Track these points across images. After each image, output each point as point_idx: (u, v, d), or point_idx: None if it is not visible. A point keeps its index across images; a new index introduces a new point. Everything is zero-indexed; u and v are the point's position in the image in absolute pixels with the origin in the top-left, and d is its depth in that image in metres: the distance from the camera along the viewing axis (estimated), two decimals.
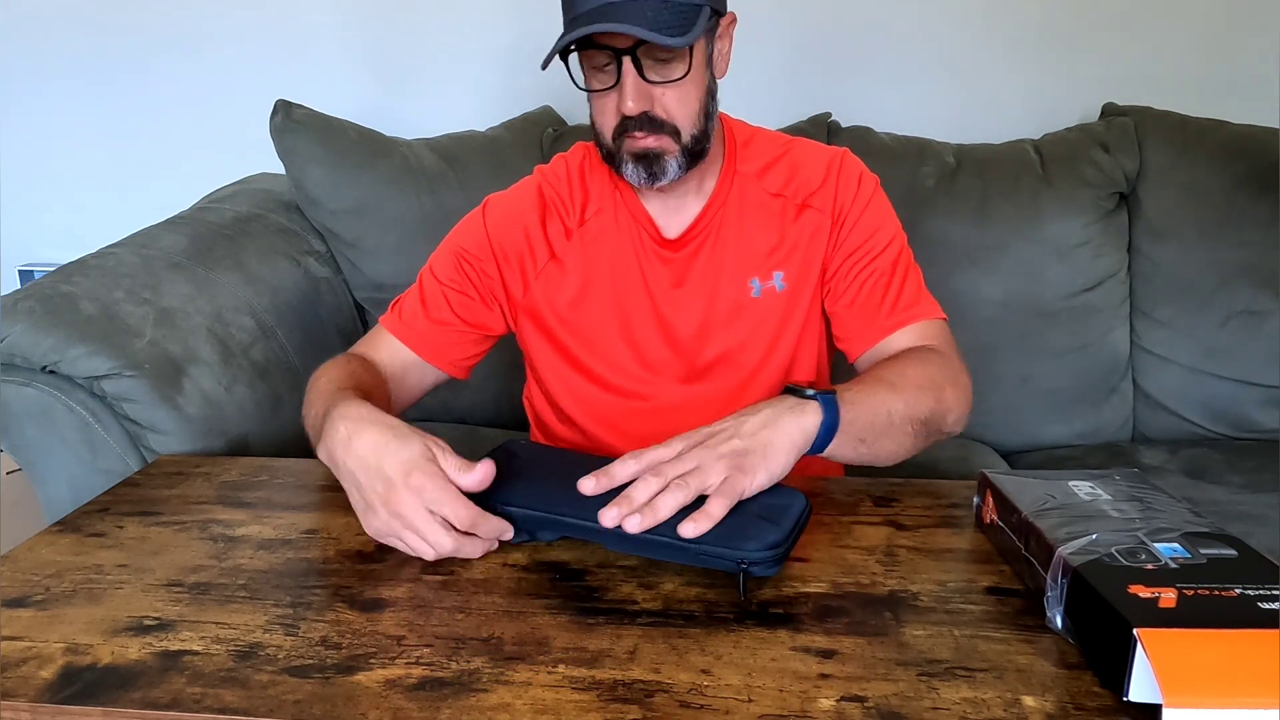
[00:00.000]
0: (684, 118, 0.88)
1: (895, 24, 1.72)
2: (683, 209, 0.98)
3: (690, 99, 0.87)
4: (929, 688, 0.53)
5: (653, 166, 0.88)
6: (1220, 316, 1.47)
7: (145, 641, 0.59)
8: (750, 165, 0.99)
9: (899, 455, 0.84)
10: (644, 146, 0.87)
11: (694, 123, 0.88)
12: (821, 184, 0.98)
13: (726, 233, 0.98)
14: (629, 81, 0.84)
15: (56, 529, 0.76)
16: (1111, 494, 0.68)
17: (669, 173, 0.89)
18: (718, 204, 0.98)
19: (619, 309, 0.99)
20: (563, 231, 1.00)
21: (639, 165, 0.89)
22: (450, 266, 1.00)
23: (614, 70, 0.85)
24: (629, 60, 0.83)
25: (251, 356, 1.20)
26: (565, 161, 1.03)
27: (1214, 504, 1.26)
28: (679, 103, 0.87)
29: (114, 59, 1.87)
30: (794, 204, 0.98)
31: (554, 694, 0.53)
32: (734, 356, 0.99)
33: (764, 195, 0.98)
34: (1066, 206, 1.48)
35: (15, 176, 1.96)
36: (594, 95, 0.89)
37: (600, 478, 0.69)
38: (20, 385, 1.02)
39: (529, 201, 1.00)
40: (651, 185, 0.90)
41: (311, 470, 0.89)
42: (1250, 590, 0.54)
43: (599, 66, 0.86)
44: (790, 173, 0.99)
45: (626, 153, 0.89)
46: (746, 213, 0.98)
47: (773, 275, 0.98)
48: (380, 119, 1.63)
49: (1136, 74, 1.68)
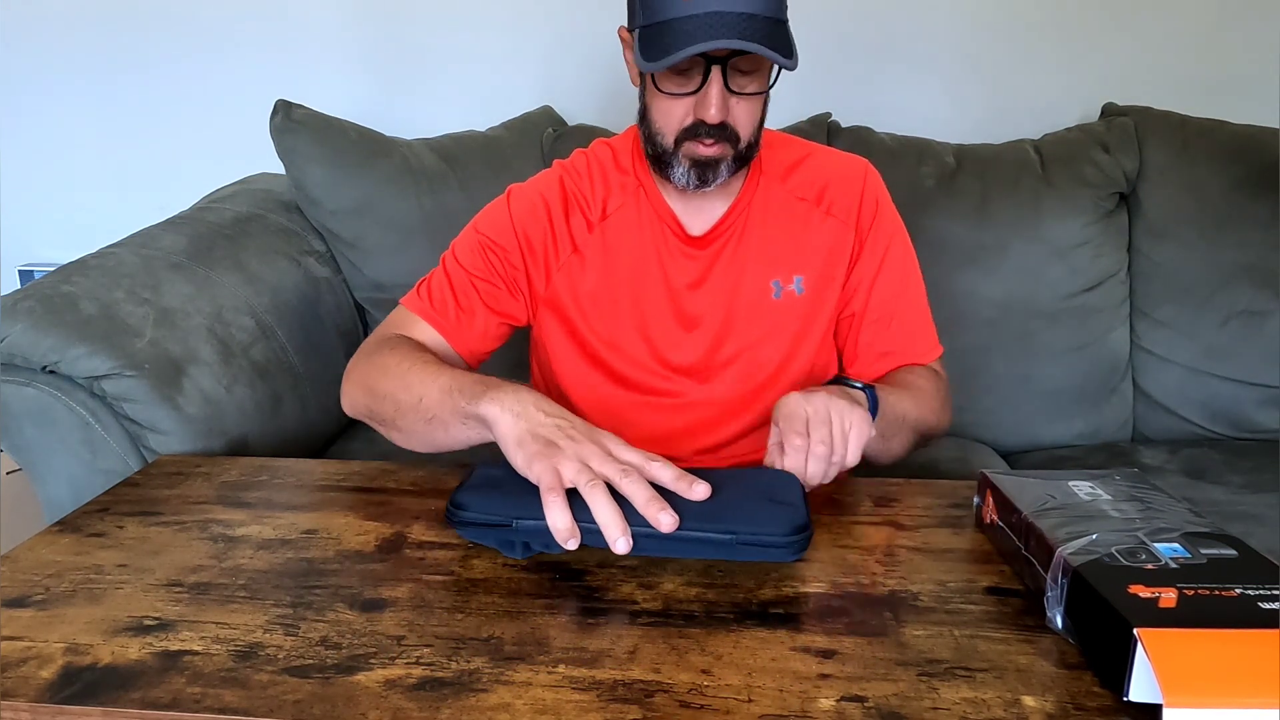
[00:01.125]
0: (747, 128, 0.89)
1: (895, 24, 1.72)
2: (706, 208, 0.98)
3: (756, 112, 0.90)
4: (929, 688, 0.53)
5: (706, 173, 0.90)
6: (1220, 317, 1.47)
7: (145, 641, 0.59)
8: (775, 168, 1.00)
9: (897, 456, 0.93)
10: (706, 154, 0.88)
11: (753, 133, 0.90)
12: (846, 195, 0.99)
13: (751, 233, 0.98)
14: (714, 90, 0.84)
15: (56, 529, 0.76)
16: (1111, 494, 0.68)
17: (720, 177, 0.91)
18: (744, 204, 0.98)
19: (638, 304, 0.99)
20: (584, 225, 1.00)
21: (695, 169, 0.90)
22: (477, 255, 0.99)
23: (694, 74, 0.85)
24: (717, 69, 0.83)
25: (251, 356, 1.20)
26: (586, 157, 1.03)
27: (1214, 504, 1.26)
28: (748, 114, 0.88)
29: (114, 59, 1.87)
30: (818, 210, 0.99)
31: (554, 694, 0.53)
32: (751, 357, 1.00)
33: (789, 198, 0.99)
34: (1066, 207, 1.48)
35: (16, 176, 1.96)
36: (662, 95, 0.88)
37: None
38: (20, 385, 1.02)
39: (552, 193, 1.00)
40: (701, 189, 0.91)
41: (311, 470, 0.89)
42: (1250, 590, 0.54)
43: (680, 69, 0.85)
44: (813, 178, 1.00)
45: (685, 156, 0.89)
46: (771, 214, 0.99)
47: (793, 279, 0.99)
48: (380, 119, 1.63)
49: (1136, 74, 1.68)
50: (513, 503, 0.68)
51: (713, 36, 0.78)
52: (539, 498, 0.67)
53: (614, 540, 0.65)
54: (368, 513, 0.78)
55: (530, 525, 0.67)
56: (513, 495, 0.69)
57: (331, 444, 1.41)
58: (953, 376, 1.06)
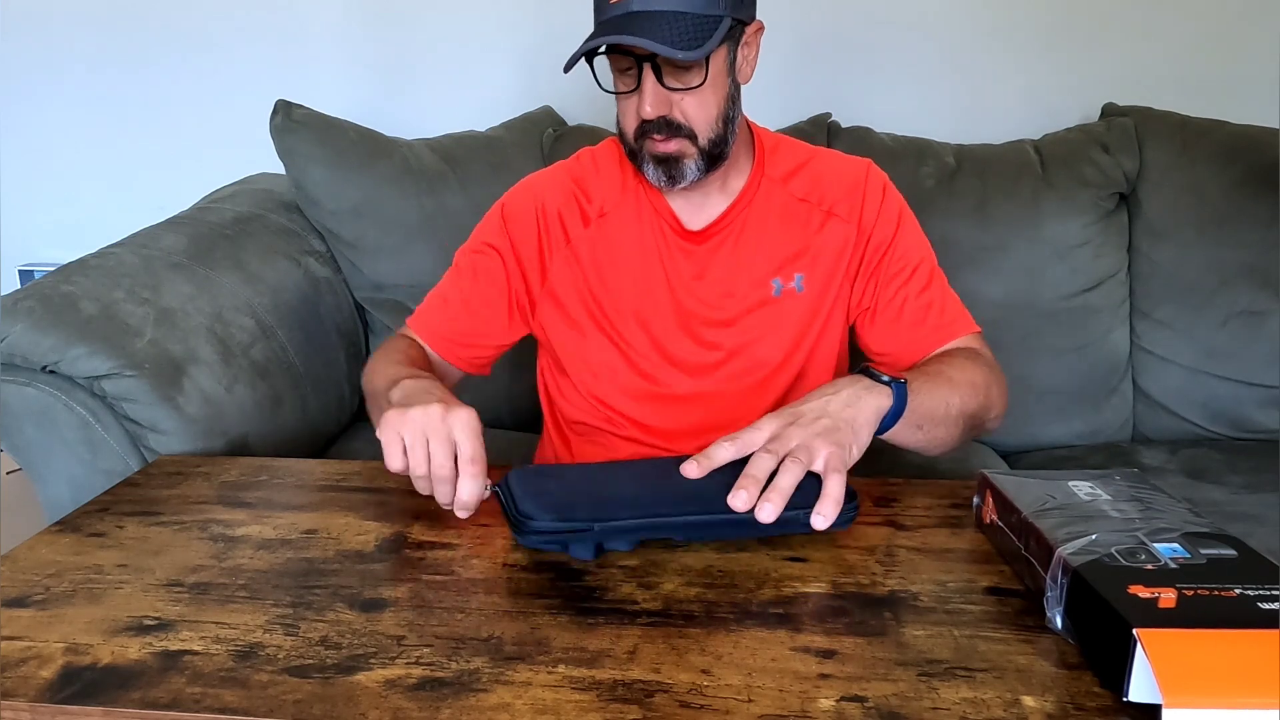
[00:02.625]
0: (702, 123, 0.90)
1: (895, 24, 1.71)
2: (705, 206, 0.99)
3: (709, 105, 0.90)
4: (929, 688, 0.53)
5: (671, 170, 0.92)
6: (1220, 317, 1.47)
7: (145, 641, 0.59)
8: (777, 170, 1.01)
9: (948, 445, 0.89)
10: (663, 150, 0.91)
11: (711, 127, 0.91)
12: (848, 194, 0.99)
13: (750, 231, 0.99)
14: (647, 87, 0.88)
15: (56, 529, 0.76)
16: (1111, 494, 0.68)
17: (688, 175, 0.92)
18: (744, 203, 0.99)
19: (637, 299, 1.01)
20: (581, 219, 1.02)
21: (659, 168, 0.92)
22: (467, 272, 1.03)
23: (636, 75, 0.88)
24: (649, 67, 0.87)
25: (251, 356, 1.20)
26: (593, 154, 1.05)
27: (1214, 504, 1.26)
28: (697, 108, 0.89)
29: (114, 59, 1.87)
30: (820, 210, 0.99)
31: (554, 694, 0.53)
32: (750, 353, 1.00)
33: (790, 199, 1.00)
34: (1066, 207, 1.48)
35: (15, 176, 1.96)
36: (618, 97, 0.92)
37: (701, 461, 0.72)
38: (20, 385, 1.02)
39: (548, 189, 1.03)
40: (671, 187, 0.93)
41: (311, 470, 0.89)
42: (1250, 590, 0.54)
43: (623, 70, 0.90)
44: (816, 180, 1.00)
45: (647, 154, 0.92)
46: (771, 214, 0.99)
47: (794, 277, 0.99)
48: (380, 119, 1.63)
49: (1136, 74, 1.68)
50: (583, 506, 0.70)
51: (605, 33, 0.84)
52: (605, 497, 0.71)
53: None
54: (368, 513, 0.78)
55: (611, 526, 0.68)
56: (576, 498, 0.71)
57: (331, 444, 1.41)
58: None
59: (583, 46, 0.86)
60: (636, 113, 0.90)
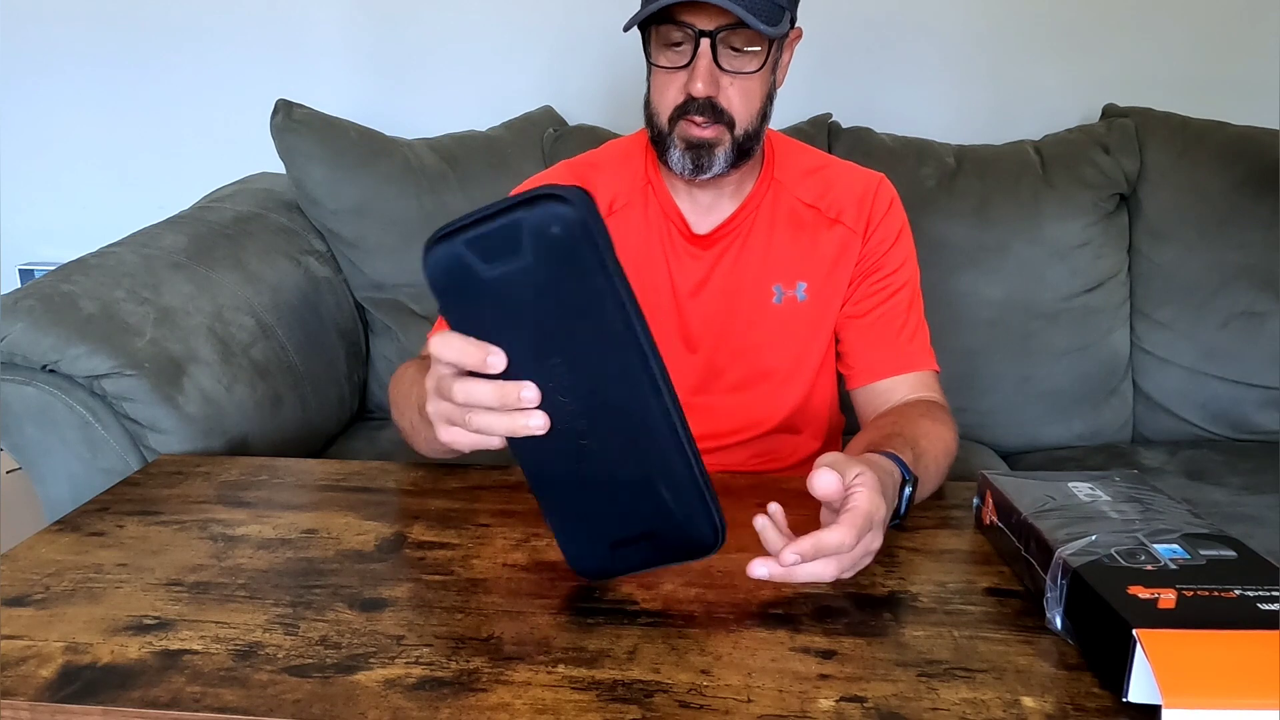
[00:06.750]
0: (743, 112, 0.88)
1: (895, 25, 1.71)
2: (715, 208, 0.98)
3: (753, 96, 0.88)
4: (929, 688, 0.53)
5: (701, 158, 0.89)
6: (1220, 318, 1.47)
7: (145, 641, 0.59)
8: (788, 174, 0.99)
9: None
10: (699, 135, 0.88)
11: (751, 120, 0.89)
12: (857, 202, 0.98)
13: (756, 236, 0.98)
14: (703, 63, 0.84)
15: (56, 528, 0.76)
16: (1111, 495, 0.68)
17: (716, 165, 0.89)
18: (752, 206, 0.98)
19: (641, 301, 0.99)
20: None
21: (688, 154, 0.89)
22: None
23: (687, 50, 0.85)
24: (706, 43, 0.83)
25: (251, 356, 1.20)
26: (597, 154, 1.04)
27: (1213, 505, 1.26)
28: (743, 96, 0.87)
29: (115, 58, 1.87)
30: (827, 217, 0.98)
31: (554, 694, 0.53)
32: (750, 361, 0.99)
33: (798, 204, 0.99)
34: (1067, 207, 1.48)
35: (15, 175, 1.96)
36: (659, 71, 0.88)
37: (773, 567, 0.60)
38: (20, 384, 1.02)
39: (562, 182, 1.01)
40: (696, 176, 0.90)
41: (311, 470, 0.89)
42: (1250, 591, 0.54)
43: (672, 43, 0.86)
44: (826, 186, 0.99)
45: (679, 137, 0.89)
46: (779, 219, 0.98)
47: (796, 284, 0.98)
48: (380, 119, 1.63)
49: (1137, 75, 1.68)
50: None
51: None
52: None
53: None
54: (368, 513, 0.78)
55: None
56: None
57: (331, 444, 1.41)
58: (953, 377, 1.06)
59: (659, 2, 0.81)
60: (682, 89, 0.86)
